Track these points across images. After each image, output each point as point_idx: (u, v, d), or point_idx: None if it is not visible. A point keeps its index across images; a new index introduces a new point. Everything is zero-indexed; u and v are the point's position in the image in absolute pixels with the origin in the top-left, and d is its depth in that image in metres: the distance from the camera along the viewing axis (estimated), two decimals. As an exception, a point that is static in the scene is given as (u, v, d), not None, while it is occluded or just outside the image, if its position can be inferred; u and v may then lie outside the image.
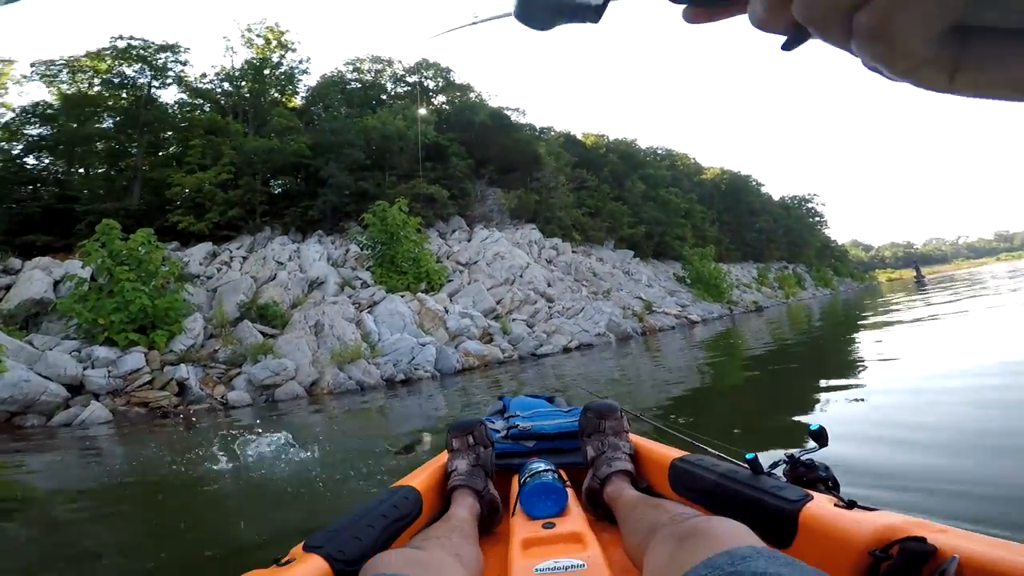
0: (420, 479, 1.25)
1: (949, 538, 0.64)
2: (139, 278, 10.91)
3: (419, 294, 14.55)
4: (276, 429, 5.76)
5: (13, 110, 19.73)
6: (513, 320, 15.20)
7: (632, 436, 1.37)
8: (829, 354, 7.77)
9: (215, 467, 4.03)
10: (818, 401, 4.13)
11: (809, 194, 59.71)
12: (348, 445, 5.07)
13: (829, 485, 0.95)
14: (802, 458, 1.01)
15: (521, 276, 18.24)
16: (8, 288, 12.20)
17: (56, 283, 12.20)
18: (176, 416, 8.79)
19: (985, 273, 37.49)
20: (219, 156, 18.70)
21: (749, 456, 0.98)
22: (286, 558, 0.80)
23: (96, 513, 2.86)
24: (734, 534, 0.60)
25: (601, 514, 1.21)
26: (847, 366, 6.20)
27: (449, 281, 16.39)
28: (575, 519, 1.10)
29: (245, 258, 15.80)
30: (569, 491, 1.21)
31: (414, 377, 11.27)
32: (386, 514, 1.01)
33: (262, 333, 11.74)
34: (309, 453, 4.29)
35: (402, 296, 14.23)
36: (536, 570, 0.86)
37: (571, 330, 15.67)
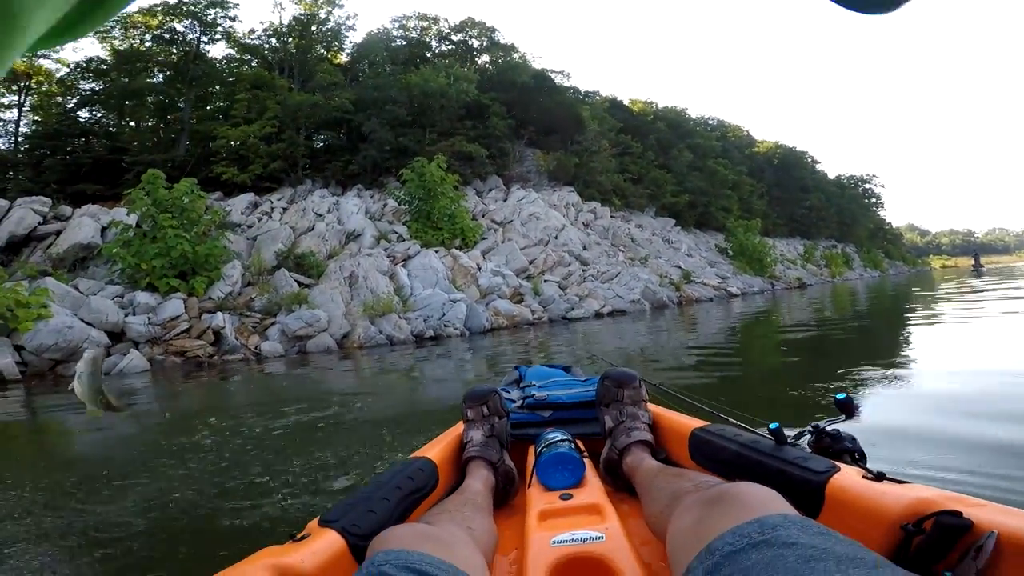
0: (436, 450, 1.24)
1: (986, 513, 0.61)
2: (181, 225, 11.20)
3: (453, 250, 14.56)
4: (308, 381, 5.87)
5: (68, 65, 20.45)
6: (545, 281, 15.00)
7: (651, 406, 1.34)
8: (871, 336, 7.31)
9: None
10: (856, 383, 3.85)
11: (867, 174, 57.39)
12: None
13: (855, 457, 0.92)
14: (827, 428, 0.97)
15: (556, 238, 17.98)
16: (58, 233, 12.75)
17: (103, 229, 12.68)
18: (210, 367, 8.99)
19: (1049, 266, 35.28)
20: (264, 110, 18.99)
21: (773, 426, 0.95)
22: (302, 533, 0.80)
23: (129, 472, 2.83)
24: (764, 500, 0.57)
25: (619, 485, 1.19)
26: (889, 349, 5.80)
27: (483, 239, 16.37)
28: (593, 490, 1.08)
29: (285, 209, 16.05)
30: (586, 462, 1.19)
31: (443, 334, 11.29)
32: (401, 486, 0.99)
33: (298, 282, 11.92)
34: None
35: (436, 251, 14.26)
36: (553, 542, 0.84)
37: (604, 295, 15.38)
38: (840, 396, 0.95)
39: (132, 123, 21.11)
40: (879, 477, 0.76)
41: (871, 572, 0.41)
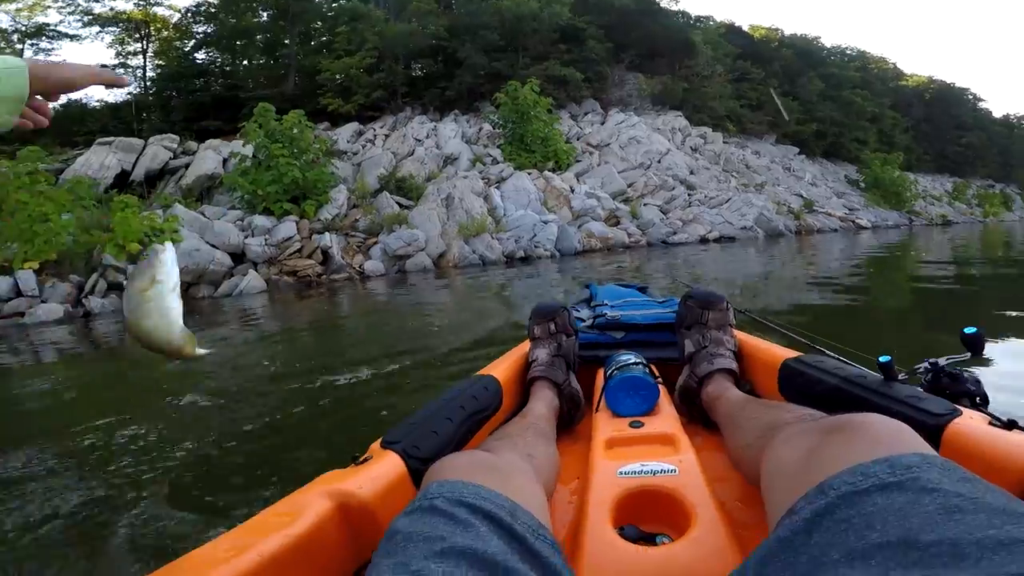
0: (501, 368, 1.18)
1: None
2: (292, 154, 11.84)
3: (546, 172, 14.32)
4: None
5: (179, 11, 21.86)
6: (645, 205, 14.38)
7: (737, 332, 1.20)
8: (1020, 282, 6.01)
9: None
10: (991, 327, 3.13)
11: None
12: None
13: (977, 401, 0.82)
14: (947, 367, 0.87)
15: (659, 162, 17.05)
16: (187, 167, 14.00)
17: (224, 161, 13.78)
18: (319, 286, 9.43)
19: None
20: (363, 42, 19.37)
21: (883, 359, 0.82)
22: (364, 455, 0.77)
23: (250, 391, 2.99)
24: (897, 436, 0.46)
25: (696, 416, 1.10)
26: None
27: (577, 161, 16.03)
28: (666, 419, 0.99)
29: (387, 136, 16.54)
30: (661, 388, 1.09)
31: (534, 255, 11.25)
32: (465, 406, 0.95)
33: (398, 204, 12.31)
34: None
35: (529, 173, 14.08)
36: (620, 473, 0.78)
37: (712, 220, 14.38)
38: (968, 330, 0.83)
39: (244, 61, 22.48)
40: (1009, 425, 0.67)
41: None
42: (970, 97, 46.89)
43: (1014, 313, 3.68)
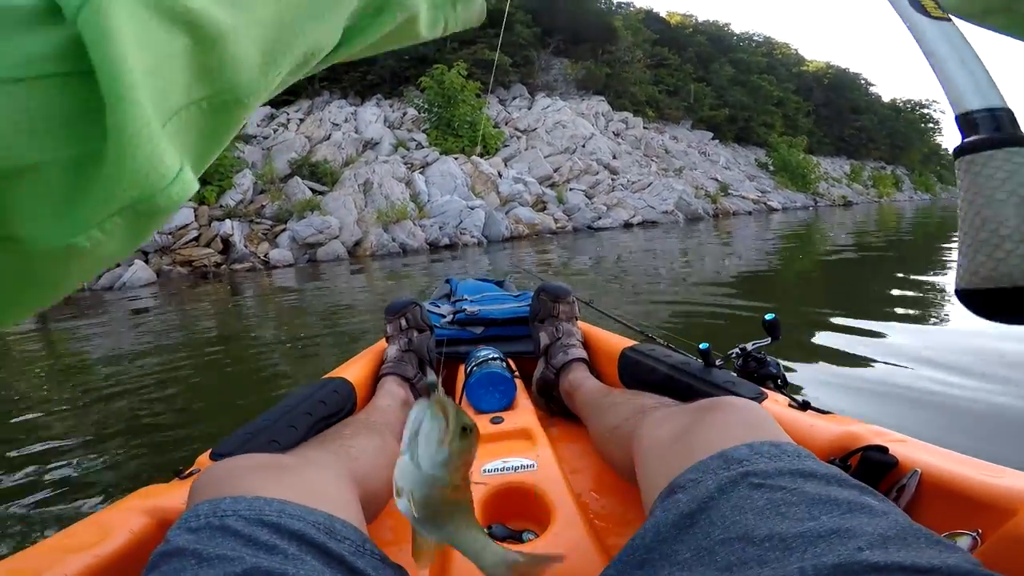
0: (354, 369, 1.12)
1: (909, 449, 0.60)
2: None
3: (473, 157, 14.08)
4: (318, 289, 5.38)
5: None
6: (571, 190, 14.40)
7: (580, 324, 1.26)
8: (911, 258, 6.46)
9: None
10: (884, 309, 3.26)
11: (927, 99, 55.14)
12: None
13: (779, 383, 0.90)
14: (753, 351, 0.96)
15: (583, 146, 17.13)
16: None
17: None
18: (217, 278, 8.73)
19: None
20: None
21: (703, 347, 0.90)
22: (190, 469, 0.71)
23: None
24: (750, 421, 0.50)
25: (551, 408, 1.13)
26: (925, 266, 5.19)
27: (505, 146, 15.84)
28: (524, 414, 1.02)
29: (302, 120, 15.59)
30: (518, 382, 1.14)
31: (460, 242, 10.89)
32: (311, 411, 0.86)
33: (311, 189, 11.57)
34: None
35: (456, 158, 13.77)
36: (484, 471, 0.79)
37: (635, 205, 14.58)
38: (769, 317, 0.93)
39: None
40: (804, 406, 0.75)
41: (844, 517, 0.36)
42: (863, 81, 49.41)
43: (899, 292, 3.86)
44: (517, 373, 1.18)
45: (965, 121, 0.29)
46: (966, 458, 0.58)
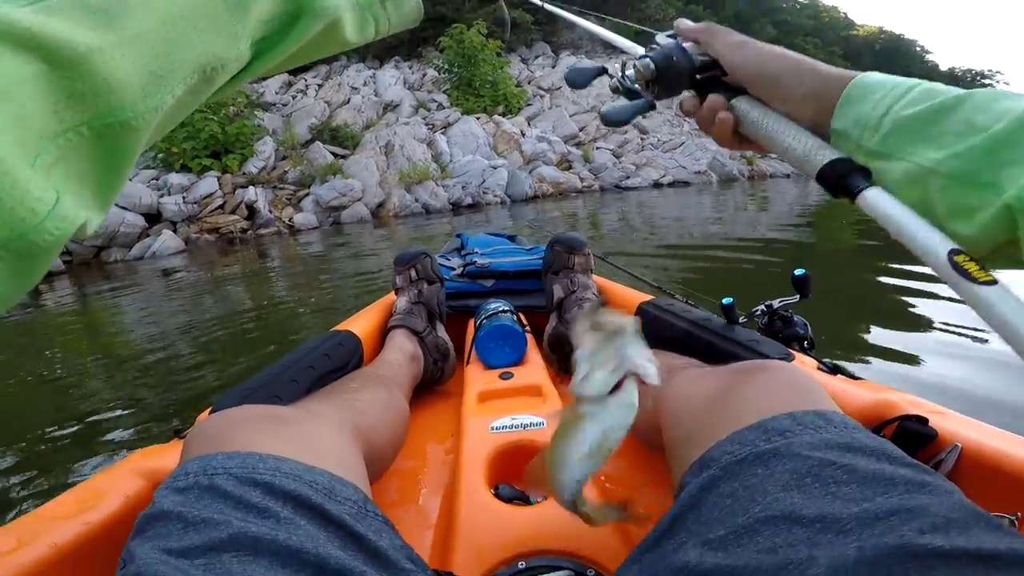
0: (361, 322, 1.07)
1: (949, 422, 0.56)
2: (208, 107, 10.85)
3: (495, 116, 13.76)
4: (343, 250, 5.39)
5: None
6: (597, 149, 13.93)
7: (595, 277, 1.20)
8: None
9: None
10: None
11: (989, 70, 54.77)
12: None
13: (806, 345, 0.88)
14: (779, 309, 0.92)
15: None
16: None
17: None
18: (243, 243, 8.88)
19: None
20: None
21: (726, 301, 0.87)
22: (189, 428, 0.68)
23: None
24: (794, 388, 0.46)
25: (564, 365, 1.06)
26: None
27: (528, 105, 15.43)
28: (534, 369, 0.98)
29: (321, 86, 15.42)
30: (528, 337, 1.07)
31: (483, 202, 10.74)
32: (315, 365, 0.81)
33: (332, 154, 11.48)
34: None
35: (477, 118, 13.46)
36: (492, 428, 0.77)
37: (665, 164, 14.03)
38: (798, 272, 0.89)
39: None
40: (833, 370, 0.72)
41: (902, 498, 0.34)
42: (918, 49, 48.37)
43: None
44: (528, 328, 1.11)
45: None
46: (1011, 435, 0.53)
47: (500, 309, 1.09)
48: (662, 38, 0.51)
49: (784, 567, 0.32)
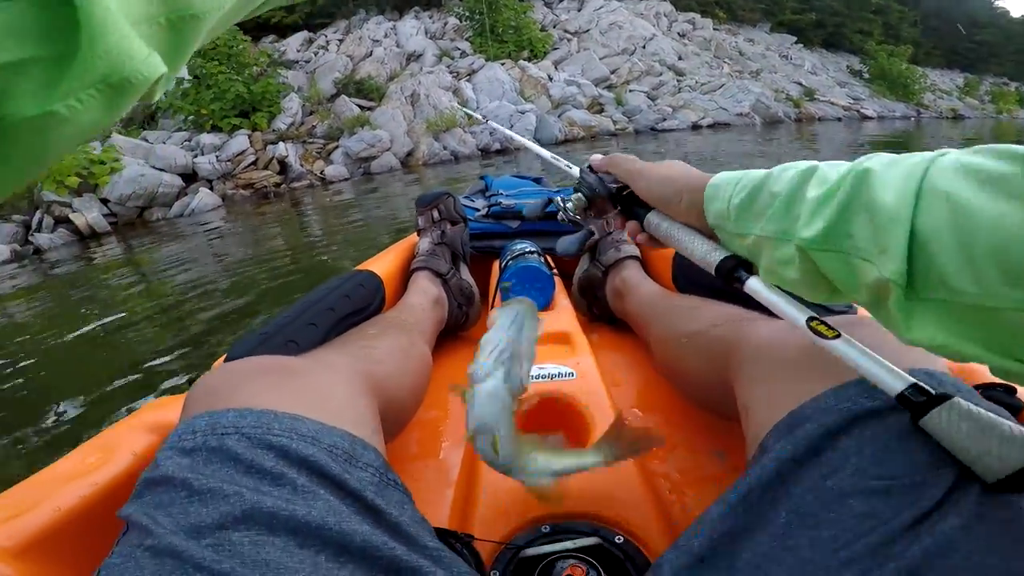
0: (383, 262, 1.02)
1: None
2: (232, 69, 11.12)
3: (520, 62, 13.39)
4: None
5: None
6: (630, 91, 13.38)
7: None
8: None
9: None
10: None
11: None
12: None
13: None
14: None
15: (644, 47, 15.87)
16: (121, 95, 13.00)
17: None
18: (277, 196, 9.02)
19: None
20: (310, -56, 17.52)
21: None
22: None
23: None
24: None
25: (594, 312, 1.03)
26: None
27: (555, 49, 14.98)
28: (563, 315, 0.93)
29: (341, 41, 15.23)
30: (557, 280, 1.02)
31: (511, 147, 10.50)
32: (335, 307, 0.76)
33: (359, 106, 11.42)
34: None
35: (502, 64, 13.14)
36: None
37: (704, 106, 13.36)
38: None
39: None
40: None
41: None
42: None
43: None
44: (556, 271, 1.06)
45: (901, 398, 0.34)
46: None
47: (527, 250, 1.03)
48: (586, 173, 0.58)
49: None
